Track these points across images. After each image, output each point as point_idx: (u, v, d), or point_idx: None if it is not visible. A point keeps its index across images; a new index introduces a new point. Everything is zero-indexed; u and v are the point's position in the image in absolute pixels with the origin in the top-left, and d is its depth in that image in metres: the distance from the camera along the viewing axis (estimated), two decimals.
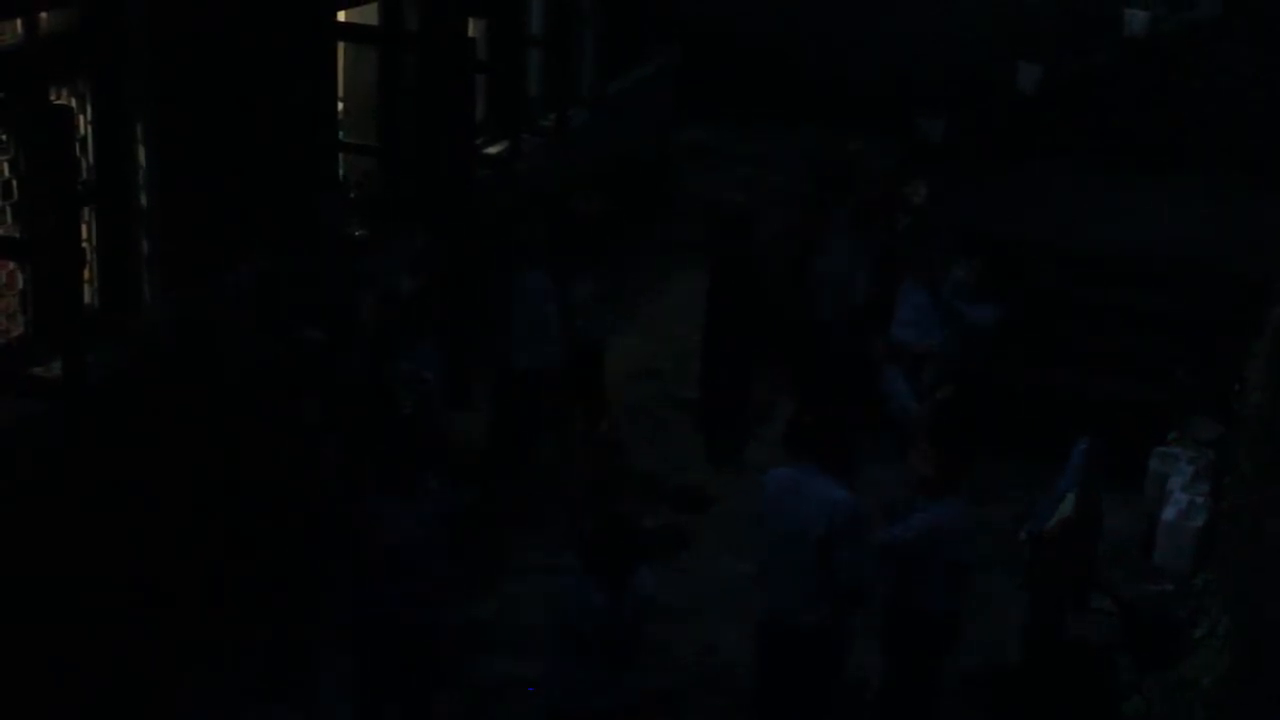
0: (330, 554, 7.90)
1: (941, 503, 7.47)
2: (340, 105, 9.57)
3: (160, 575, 7.65)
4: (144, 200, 7.53)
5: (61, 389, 6.72)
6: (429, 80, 9.92)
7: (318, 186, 9.07)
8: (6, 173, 6.94)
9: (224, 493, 7.89)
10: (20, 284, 7.11)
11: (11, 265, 7.07)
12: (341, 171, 9.65)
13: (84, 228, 7.22)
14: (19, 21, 6.85)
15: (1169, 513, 9.73)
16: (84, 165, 7.30)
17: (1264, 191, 12.88)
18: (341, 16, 9.42)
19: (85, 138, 7.30)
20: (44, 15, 6.94)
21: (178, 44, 7.56)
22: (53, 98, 7.09)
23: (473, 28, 10.75)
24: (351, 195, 9.70)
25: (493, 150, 10.98)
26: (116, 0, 7.24)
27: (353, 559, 7.46)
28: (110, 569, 7.33)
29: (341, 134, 9.54)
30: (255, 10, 8.16)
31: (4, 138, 6.91)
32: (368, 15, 9.75)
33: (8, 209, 6.97)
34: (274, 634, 8.12)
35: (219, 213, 8.00)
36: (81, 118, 7.26)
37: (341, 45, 9.54)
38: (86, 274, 7.33)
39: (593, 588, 6.77)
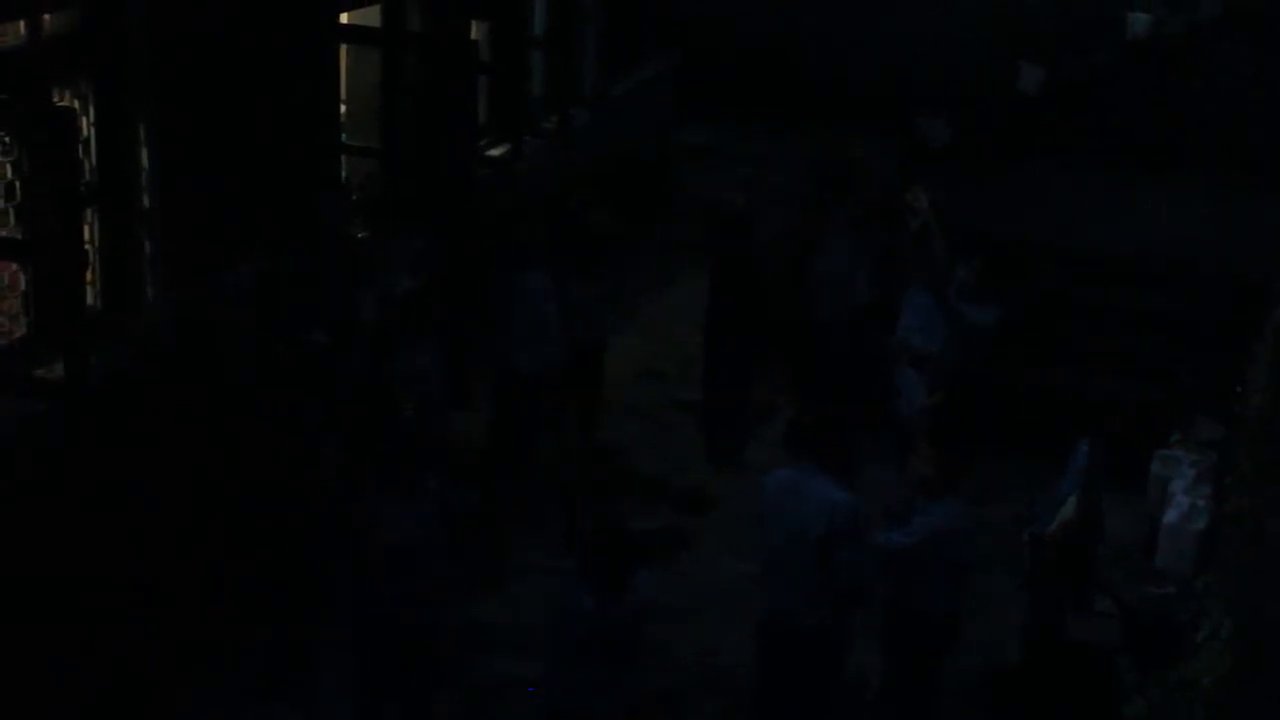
0: (330, 554, 7.90)
1: (942, 503, 7.48)
2: (343, 107, 9.57)
3: (160, 575, 7.66)
4: (146, 201, 7.53)
5: (63, 389, 6.73)
6: (431, 82, 9.92)
7: (318, 187, 9.07)
8: (9, 174, 6.95)
9: (224, 493, 7.90)
10: (22, 285, 7.11)
11: (14, 266, 7.08)
12: (344, 173, 9.65)
13: (86, 229, 7.23)
14: (21, 23, 6.86)
15: (1171, 515, 9.70)
16: (86, 166, 7.30)
17: (1264, 191, 12.86)
18: (344, 18, 9.42)
19: (87, 139, 7.30)
20: (46, 17, 6.95)
21: (179, 44, 7.56)
22: (55, 99, 7.09)
23: (475, 29, 10.76)
24: (354, 197, 9.70)
25: (495, 152, 10.99)
26: (117, 1, 7.25)
27: (353, 559, 7.46)
28: (110, 569, 7.33)
29: (344, 136, 9.54)
30: (256, 11, 8.16)
31: (6, 139, 6.92)
32: (370, 17, 9.75)
33: (10, 210, 6.98)
34: (274, 634, 8.13)
35: (220, 213, 8.00)
36: (84, 119, 7.26)
37: (344, 47, 9.54)
38: (88, 275, 7.33)
39: (585, 591, 6.76)
